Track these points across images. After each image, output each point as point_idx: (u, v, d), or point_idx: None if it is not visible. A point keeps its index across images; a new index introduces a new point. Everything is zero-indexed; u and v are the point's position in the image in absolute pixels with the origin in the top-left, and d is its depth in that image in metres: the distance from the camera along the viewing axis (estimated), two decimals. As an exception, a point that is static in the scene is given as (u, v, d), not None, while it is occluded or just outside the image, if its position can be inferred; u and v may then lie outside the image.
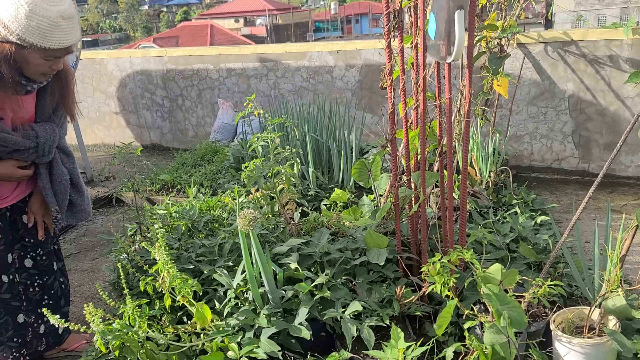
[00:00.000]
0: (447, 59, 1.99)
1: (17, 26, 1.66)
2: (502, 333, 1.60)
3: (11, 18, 1.66)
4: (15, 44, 1.69)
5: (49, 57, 1.76)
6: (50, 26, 1.69)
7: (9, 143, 1.85)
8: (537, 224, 3.03)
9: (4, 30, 1.67)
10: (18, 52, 1.70)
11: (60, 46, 1.74)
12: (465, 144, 2.17)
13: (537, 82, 4.10)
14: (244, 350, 2.01)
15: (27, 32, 1.67)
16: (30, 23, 1.66)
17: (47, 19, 1.68)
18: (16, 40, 1.67)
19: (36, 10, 1.67)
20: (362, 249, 2.52)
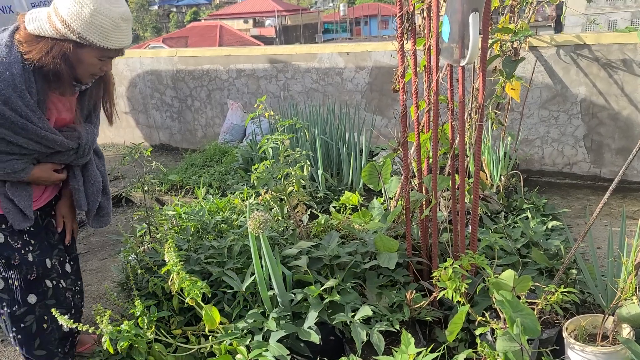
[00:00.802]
0: (461, 62, 1.97)
1: (79, 24, 1.66)
2: (515, 340, 1.58)
3: (74, 16, 1.65)
4: (74, 43, 1.69)
5: (103, 58, 1.77)
6: (112, 26, 1.69)
7: (54, 144, 1.83)
8: (548, 229, 3.00)
9: (64, 28, 1.66)
10: (75, 51, 1.70)
11: (118, 47, 1.75)
12: (477, 148, 2.15)
13: (549, 85, 4.06)
14: (253, 353, 2.00)
15: (89, 31, 1.67)
16: (94, 21, 1.66)
17: (109, 18, 1.68)
18: (76, 38, 1.67)
19: (100, 10, 1.67)
20: (372, 253, 2.50)
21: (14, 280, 1.89)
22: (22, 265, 1.89)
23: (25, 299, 1.92)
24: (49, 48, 1.68)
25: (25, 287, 1.92)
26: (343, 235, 2.80)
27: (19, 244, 1.90)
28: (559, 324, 2.09)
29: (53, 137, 1.82)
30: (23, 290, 1.91)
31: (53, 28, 1.67)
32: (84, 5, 1.66)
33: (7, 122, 1.68)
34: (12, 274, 1.88)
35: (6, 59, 1.66)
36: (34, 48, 1.68)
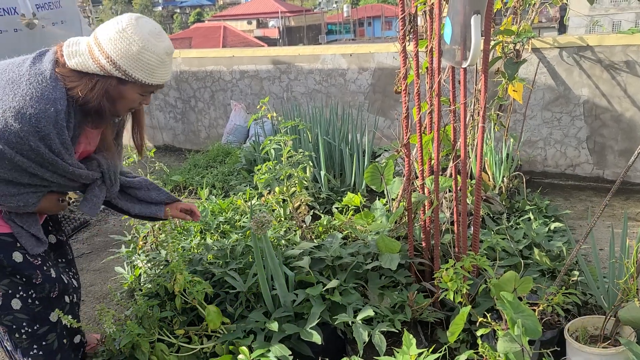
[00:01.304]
0: (463, 63, 1.98)
1: (125, 62, 1.60)
2: (516, 342, 1.58)
3: (120, 53, 1.59)
4: (117, 79, 1.64)
5: (145, 93, 1.72)
6: (158, 62, 1.65)
7: (79, 178, 1.77)
8: (550, 230, 3.00)
9: (109, 65, 1.60)
10: (117, 87, 1.65)
11: (161, 82, 1.71)
12: (480, 149, 2.15)
13: (552, 87, 4.06)
14: (255, 353, 2.01)
15: (135, 68, 1.62)
16: (141, 59, 1.61)
17: (156, 55, 1.64)
18: (120, 75, 1.62)
19: (148, 47, 1.62)
20: (374, 254, 2.51)
21: (35, 299, 1.82)
22: (44, 284, 1.83)
23: (47, 318, 1.86)
24: (93, 85, 1.62)
25: (48, 305, 1.85)
26: (345, 236, 2.81)
27: (39, 260, 1.83)
28: (561, 325, 2.09)
29: (79, 171, 1.76)
30: (44, 309, 1.85)
31: (97, 64, 1.61)
32: (131, 43, 1.60)
33: (38, 157, 1.62)
34: (33, 293, 1.81)
35: (52, 94, 1.58)
36: (78, 85, 1.62)
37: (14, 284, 1.77)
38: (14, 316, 1.78)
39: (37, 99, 1.55)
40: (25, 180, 1.66)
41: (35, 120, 1.55)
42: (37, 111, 1.55)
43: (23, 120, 1.54)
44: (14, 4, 3.94)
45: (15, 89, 1.56)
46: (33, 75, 1.59)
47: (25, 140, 1.56)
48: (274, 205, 2.94)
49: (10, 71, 1.61)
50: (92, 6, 4.50)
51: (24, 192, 1.70)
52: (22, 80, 1.57)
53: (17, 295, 1.78)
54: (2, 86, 1.57)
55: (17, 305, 1.78)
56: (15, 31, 3.97)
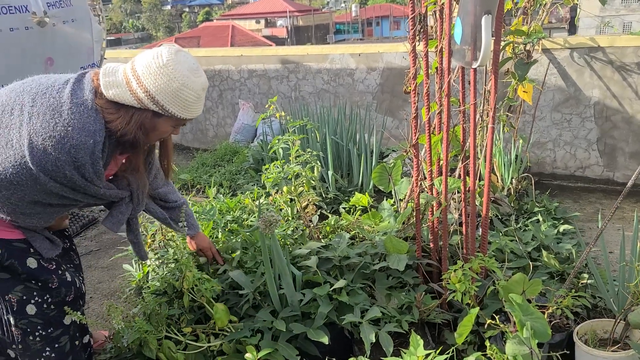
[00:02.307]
0: (473, 64, 1.97)
1: (163, 97, 1.61)
2: (525, 344, 1.57)
3: (160, 89, 1.59)
4: (152, 112, 1.64)
5: (177, 125, 1.74)
6: (194, 98, 1.66)
7: (109, 197, 1.77)
8: (559, 232, 2.98)
9: (147, 99, 1.60)
10: (151, 120, 1.66)
11: (195, 116, 1.71)
12: (489, 150, 2.14)
13: (562, 88, 4.03)
14: (262, 352, 2.01)
15: (173, 104, 1.63)
16: (180, 95, 1.62)
17: (194, 91, 1.65)
18: (157, 109, 1.62)
19: (187, 84, 1.62)
20: (381, 254, 2.51)
21: (50, 304, 1.81)
22: (60, 288, 1.83)
23: (61, 321, 1.86)
24: (130, 118, 1.62)
25: (62, 309, 1.85)
26: (353, 236, 2.80)
27: (53, 265, 1.83)
28: (570, 328, 2.08)
29: (110, 192, 1.76)
30: (59, 313, 1.85)
31: (134, 97, 1.60)
32: (172, 80, 1.60)
33: (71, 183, 1.62)
34: (48, 297, 1.81)
35: (92, 127, 1.58)
36: (116, 118, 1.62)
37: (29, 289, 1.76)
38: (29, 320, 1.78)
39: (79, 131, 1.55)
40: (55, 202, 1.66)
41: (75, 152, 1.55)
42: (77, 142, 1.54)
43: (62, 150, 1.54)
44: (26, 2, 3.97)
45: (56, 117, 1.55)
46: (75, 105, 1.57)
47: (61, 169, 1.56)
48: (281, 205, 2.94)
49: (49, 96, 1.58)
50: (102, 4, 4.52)
51: (49, 211, 1.70)
52: (63, 109, 1.56)
53: (32, 300, 1.77)
54: (43, 112, 1.55)
55: (32, 310, 1.78)
56: (27, 29, 4.00)
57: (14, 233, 1.74)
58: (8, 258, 1.71)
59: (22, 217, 1.67)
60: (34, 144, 1.52)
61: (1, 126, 1.57)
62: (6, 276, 1.74)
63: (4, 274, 1.73)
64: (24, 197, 1.60)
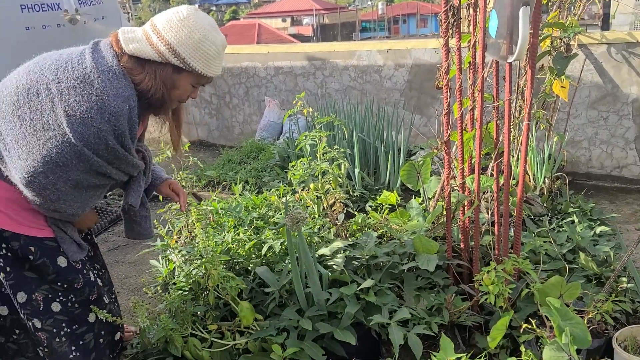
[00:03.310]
0: (509, 58, 1.89)
1: (185, 49, 1.59)
2: (564, 350, 1.50)
3: (182, 41, 1.58)
4: (172, 67, 1.62)
5: (197, 84, 1.71)
6: (215, 52, 1.64)
7: (134, 169, 1.75)
8: (596, 234, 2.87)
9: (168, 52, 1.58)
10: (172, 76, 1.63)
11: (215, 74, 1.70)
12: (524, 148, 2.06)
13: (599, 84, 3.89)
14: (288, 352, 1.98)
15: (194, 57, 1.60)
16: (202, 48, 1.60)
17: (215, 45, 1.63)
18: (178, 63, 1.60)
19: (208, 37, 1.61)
20: (410, 254, 2.45)
21: (74, 303, 1.81)
22: (85, 287, 1.83)
23: (85, 319, 1.86)
24: (154, 74, 1.60)
25: (86, 307, 1.85)
26: (380, 235, 2.75)
27: (80, 264, 1.83)
28: (608, 334, 1.99)
29: (137, 163, 1.73)
30: (83, 311, 1.84)
31: (155, 50, 1.58)
32: (193, 31, 1.58)
33: (111, 155, 1.59)
34: (72, 297, 1.81)
35: (125, 92, 1.56)
36: (143, 77, 1.60)
37: (54, 290, 1.76)
38: (54, 319, 1.77)
39: (114, 97, 1.52)
40: (93, 181, 1.64)
41: (114, 119, 1.53)
42: (115, 109, 1.52)
43: (103, 120, 1.51)
44: (58, 0, 4.02)
45: (87, 88, 1.52)
46: (103, 73, 1.54)
47: (104, 140, 1.53)
48: (308, 202, 2.91)
49: (72, 69, 1.55)
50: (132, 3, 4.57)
51: (87, 196, 1.68)
52: (92, 79, 1.53)
53: (56, 299, 1.77)
54: (72, 86, 1.52)
55: (57, 308, 1.78)
56: (59, 27, 4.05)
57: (45, 231, 1.73)
58: (41, 256, 1.71)
59: (63, 206, 1.65)
60: (72, 119, 1.50)
61: (32, 109, 1.54)
62: (34, 276, 1.73)
63: (32, 274, 1.73)
64: (69, 180, 1.58)
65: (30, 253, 1.68)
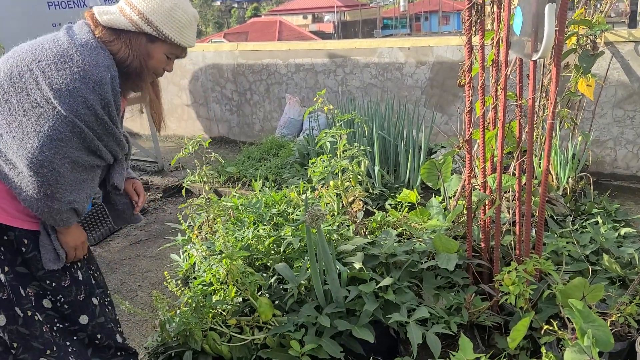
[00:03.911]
0: (533, 56, 1.87)
1: (157, 17, 1.63)
2: (586, 353, 1.48)
3: (153, 9, 1.63)
4: (146, 37, 1.65)
5: (171, 55, 1.73)
6: (187, 22, 1.68)
7: (122, 149, 1.75)
8: (620, 235, 2.81)
9: (140, 20, 1.62)
10: (146, 46, 1.67)
11: (188, 45, 1.72)
12: (547, 147, 2.03)
13: (625, 83, 3.81)
14: (306, 348, 1.99)
15: (167, 25, 1.65)
16: (173, 15, 1.65)
17: (186, 13, 1.67)
18: (151, 31, 1.64)
19: (180, 5, 1.66)
20: (429, 253, 2.43)
21: (64, 303, 1.77)
22: (72, 287, 1.78)
23: (77, 321, 1.81)
24: (129, 42, 1.64)
25: (77, 308, 1.80)
26: (399, 234, 2.74)
27: (68, 262, 1.78)
28: (632, 337, 1.95)
29: (123, 141, 1.72)
30: (74, 312, 1.80)
31: (128, 20, 1.63)
32: (164, 0, 1.64)
33: (101, 128, 1.61)
34: (61, 297, 1.76)
35: (105, 61, 1.59)
36: (119, 46, 1.63)
37: (43, 288, 1.74)
38: (47, 314, 1.76)
39: (95, 67, 1.56)
40: (86, 160, 1.63)
41: (99, 88, 1.56)
42: (98, 78, 1.56)
43: (88, 89, 1.55)
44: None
45: (68, 62, 1.55)
46: (80, 46, 1.58)
47: (92, 110, 1.57)
48: (327, 199, 2.91)
49: (50, 47, 1.58)
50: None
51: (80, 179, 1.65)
52: (71, 53, 1.57)
53: (47, 297, 1.76)
54: (53, 62, 1.55)
55: (48, 304, 1.76)
56: (83, 23, 4.12)
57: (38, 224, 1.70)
58: (32, 250, 1.69)
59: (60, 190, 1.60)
60: (59, 92, 1.53)
61: (17, 92, 1.57)
62: (25, 271, 1.70)
63: (23, 269, 1.70)
64: (65, 157, 1.58)
65: (23, 245, 1.67)
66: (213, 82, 6.03)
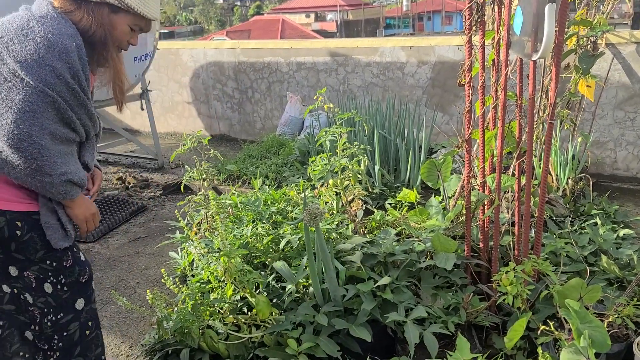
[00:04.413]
0: (533, 56, 1.86)
1: None
2: (582, 354, 1.48)
3: None
4: (108, 7, 1.64)
5: (135, 27, 1.72)
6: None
7: (95, 124, 1.72)
8: (619, 237, 2.81)
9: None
10: (109, 16, 1.66)
11: (152, 16, 1.72)
12: (547, 148, 2.03)
13: (626, 85, 3.81)
14: (303, 346, 1.99)
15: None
16: None
17: None
18: (113, 1, 1.63)
19: None
20: (428, 252, 2.43)
21: (64, 285, 1.72)
22: (74, 266, 1.73)
23: (72, 305, 1.75)
24: (91, 12, 1.63)
25: (75, 290, 1.75)
26: (399, 233, 2.74)
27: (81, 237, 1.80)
28: (629, 338, 1.95)
29: (95, 114, 1.70)
30: (72, 294, 1.74)
31: None
32: None
33: (72, 97, 1.59)
34: (62, 278, 1.71)
35: (68, 30, 1.57)
36: (80, 16, 1.62)
37: (44, 270, 1.69)
38: (46, 299, 1.70)
39: (58, 36, 1.54)
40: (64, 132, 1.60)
41: (65, 56, 1.54)
42: (63, 46, 1.54)
43: (54, 58, 1.52)
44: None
45: (30, 33, 1.54)
46: (41, 17, 1.57)
47: (63, 79, 1.54)
48: (326, 198, 2.91)
49: (10, 22, 1.57)
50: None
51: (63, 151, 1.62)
52: (32, 24, 1.55)
53: (47, 280, 1.70)
54: (15, 35, 1.54)
55: (49, 289, 1.71)
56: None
57: (32, 205, 1.66)
58: (28, 231, 1.64)
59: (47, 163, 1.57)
60: (25, 64, 1.51)
61: None
62: (22, 257, 1.66)
63: (19, 255, 1.66)
64: (42, 129, 1.54)
65: (17, 228, 1.62)
66: (214, 80, 6.03)
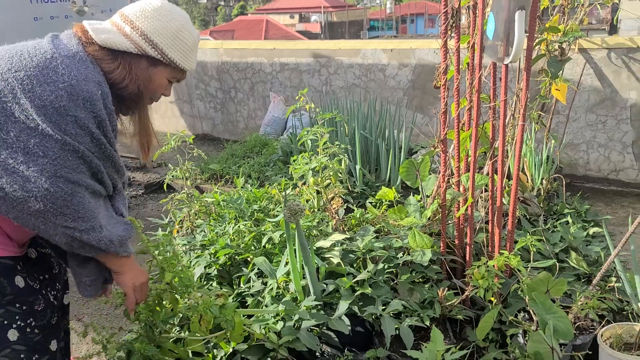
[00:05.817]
0: (505, 60, 1.95)
1: (163, 39, 1.48)
2: (546, 342, 1.56)
3: (158, 31, 1.48)
4: (148, 60, 1.50)
5: (172, 79, 1.59)
6: (193, 45, 1.55)
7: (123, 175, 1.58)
8: (589, 235, 2.92)
9: (144, 42, 1.47)
10: (147, 70, 1.51)
11: (191, 68, 1.59)
12: (518, 148, 2.12)
13: (598, 89, 3.94)
14: (283, 339, 2.04)
15: (173, 47, 1.50)
16: (180, 37, 1.51)
17: (192, 35, 1.54)
18: (156, 54, 1.49)
19: (185, 26, 1.53)
20: (406, 248, 2.51)
21: (34, 328, 1.53)
22: (46, 310, 1.56)
23: (47, 347, 1.58)
24: (128, 66, 1.48)
25: (48, 332, 1.59)
26: (378, 230, 2.81)
27: (37, 284, 1.55)
28: (594, 330, 2.05)
29: (122, 166, 1.55)
30: (45, 337, 1.57)
31: (130, 41, 1.46)
32: (171, 20, 1.49)
33: (99, 151, 1.42)
34: (32, 321, 1.52)
35: (95, 77, 1.41)
36: (115, 67, 1.46)
37: (11, 313, 1.48)
38: (11, 349, 1.50)
39: (84, 82, 1.37)
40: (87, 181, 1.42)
41: (90, 105, 1.37)
42: (88, 94, 1.36)
43: (77, 107, 1.34)
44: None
45: (52, 75, 1.34)
46: (67, 57, 1.39)
47: (86, 129, 1.37)
48: (308, 196, 2.97)
49: (30, 56, 1.37)
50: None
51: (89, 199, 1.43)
52: (56, 65, 1.36)
53: (14, 325, 1.49)
54: (34, 74, 1.33)
55: (14, 336, 1.49)
56: (66, 17, 4.13)
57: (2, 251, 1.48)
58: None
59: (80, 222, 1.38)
60: (44, 110, 1.32)
61: None
62: None
63: None
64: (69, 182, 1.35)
65: None
66: (197, 80, 6.06)
